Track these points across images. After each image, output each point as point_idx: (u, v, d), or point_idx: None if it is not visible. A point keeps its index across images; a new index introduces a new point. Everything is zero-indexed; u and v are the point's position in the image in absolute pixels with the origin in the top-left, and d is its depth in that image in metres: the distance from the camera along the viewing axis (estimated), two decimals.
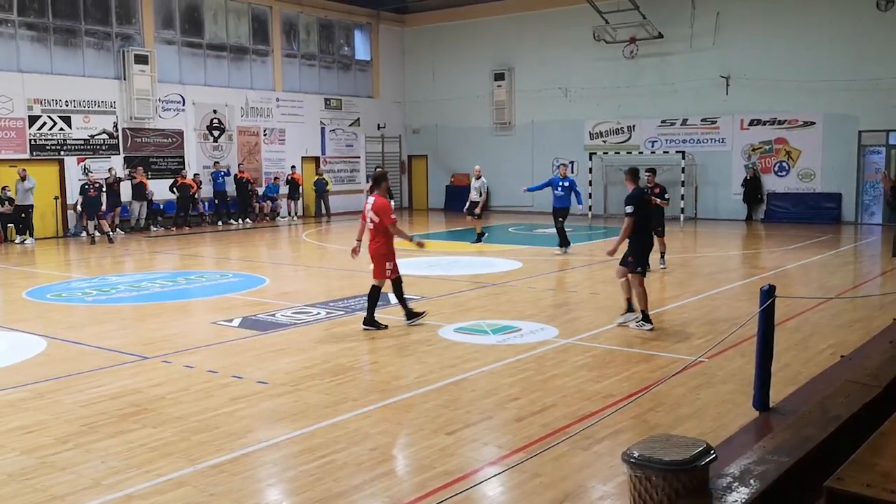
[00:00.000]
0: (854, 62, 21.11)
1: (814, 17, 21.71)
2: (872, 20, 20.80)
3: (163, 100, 22.22)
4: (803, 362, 7.37)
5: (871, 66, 20.85)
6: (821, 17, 21.59)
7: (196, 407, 6.23)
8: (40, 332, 9.01)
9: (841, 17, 21.32)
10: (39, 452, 5.30)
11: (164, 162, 22.47)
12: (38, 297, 11.55)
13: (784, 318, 8.64)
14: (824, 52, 21.48)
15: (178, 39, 22.98)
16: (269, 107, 25.12)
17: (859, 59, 21.03)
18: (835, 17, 21.40)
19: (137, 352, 8.08)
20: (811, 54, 21.68)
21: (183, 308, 10.73)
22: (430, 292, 11.27)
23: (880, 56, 20.76)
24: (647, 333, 8.59)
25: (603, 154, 25.21)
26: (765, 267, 14.07)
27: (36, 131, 19.68)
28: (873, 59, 20.83)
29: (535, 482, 4.72)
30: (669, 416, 5.88)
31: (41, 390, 6.77)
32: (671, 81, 23.93)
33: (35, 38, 19.98)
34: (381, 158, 29.19)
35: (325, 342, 8.47)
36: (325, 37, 27.25)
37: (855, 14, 21.09)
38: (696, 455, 3.69)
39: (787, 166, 22.68)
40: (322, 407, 6.21)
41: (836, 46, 21.29)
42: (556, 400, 6.32)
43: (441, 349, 8.02)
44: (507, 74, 27.01)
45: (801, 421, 4.65)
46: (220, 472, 4.93)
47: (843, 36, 21.25)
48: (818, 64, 21.57)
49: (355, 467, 5.00)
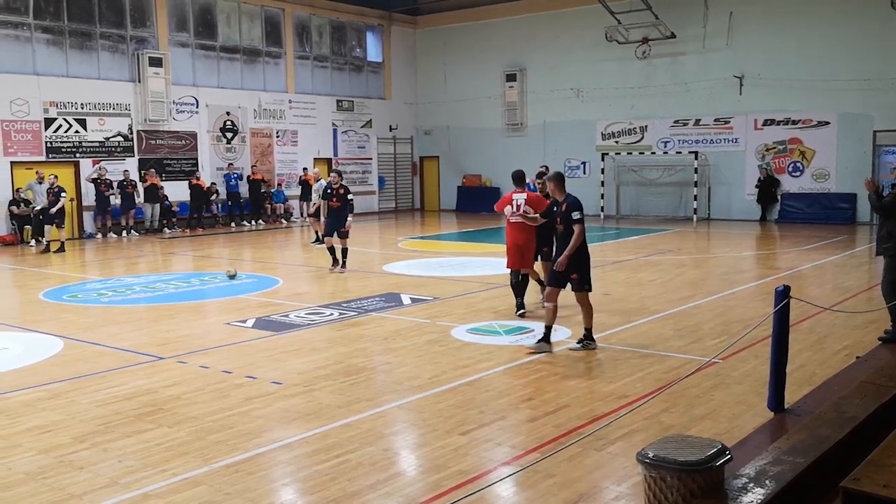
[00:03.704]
0: (869, 61, 20.96)
1: (828, 16, 21.57)
2: (887, 19, 20.63)
3: (177, 102, 22.36)
4: (818, 363, 7.33)
5: (886, 66, 20.70)
6: (835, 16, 21.45)
7: (211, 407, 6.27)
8: (57, 333, 9.09)
9: (855, 16, 21.17)
10: (56, 452, 5.34)
11: (177, 164, 22.61)
12: (55, 297, 11.65)
13: (798, 319, 8.59)
14: (838, 52, 21.34)
15: (191, 42, 23.11)
16: (281, 108, 25.22)
17: (874, 58, 20.88)
18: (849, 17, 21.25)
19: (152, 352, 8.14)
20: (825, 54, 21.55)
21: (197, 309, 10.79)
22: (441, 293, 11.29)
23: (895, 55, 20.61)
24: (663, 333, 8.56)
25: (615, 155, 25.14)
26: (779, 268, 14.00)
27: (52, 133, 19.86)
28: (888, 58, 20.68)
29: (548, 482, 4.71)
30: (683, 417, 5.86)
31: (58, 390, 6.83)
32: (684, 81, 23.84)
33: (51, 41, 20.16)
34: (393, 160, 29.25)
35: (338, 343, 8.50)
36: (337, 38, 27.34)
37: (869, 13, 20.94)
38: (712, 455, 3.69)
39: (802, 166, 22.54)
40: (335, 407, 6.23)
41: (851, 46, 21.15)
42: (569, 400, 6.32)
43: (454, 350, 8.03)
44: (519, 75, 27.00)
45: (817, 422, 4.63)
46: (235, 472, 4.96)
47: (857, 35, 21.10)
48: (832, 63, 21.43)
49: (369, 467, 5.01)
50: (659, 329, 8.93)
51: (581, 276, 7.79)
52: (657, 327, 9.04)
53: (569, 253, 7.64)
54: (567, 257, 7.66)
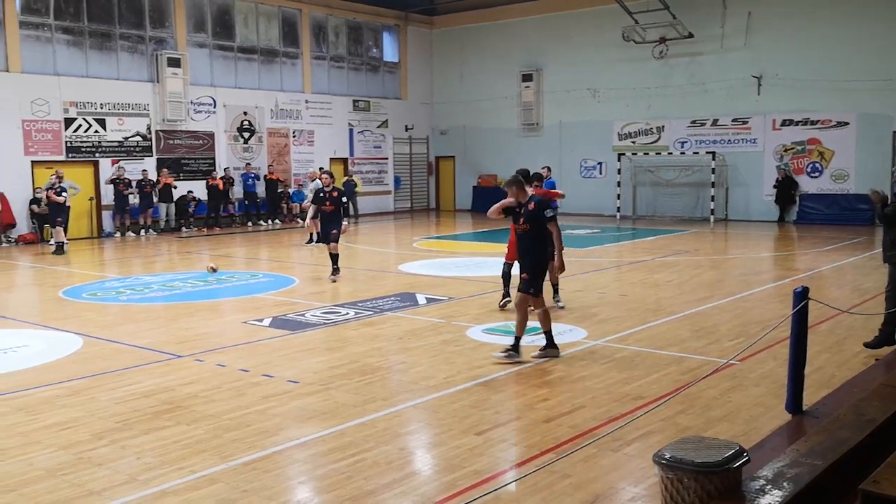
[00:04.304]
0: (888, 61, 20.73)
1: (847, 15, 21.36)
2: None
3: (194, 102, 22.52)
4: (837, 365, 7.27)
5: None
6: (854, 15, 21.24)
7: (228, 405, 6.31)
8: (76, 331, 9.18)
9: (874, 15, 20.95)
10: (76, 448, 5.40)
11: (195, 163, 22.76)
12: (74, 296, 11.76)
13: (817, 320, 8.53)
14: (858, 52, 21.12)
15: (209, 42, 23.26)
16: (298, 108, 25.33)
17: (894, 58, 20.66)
18: (868, 16, 21.04)
19: (170, 350, 8.20)
20: (844, 53, 21.34)
21: (214, 308, 10.86)
22: (457, 293, 11.29)
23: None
24: (679, 334, 8.52)
25: (632, 155, 25.04)
26: (798, 269, 13.89)
27: (72, 133, 20.06)
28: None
29: (564, 483, 4.71)
30: (700, 419, 5.83)
31: (77, 387, 6.90)
32: (701, 81, 23.70)
33: (71, 41, 20.36)
34: (409, 160, 29.29)
35: (353, 342, 8.52)
36: (353, 39, 27.42)
37: (888, 12, 20.72)
38: (729, 457, 3.67)
39: (820, 167, 22.35)
40: (351, 406, 6.25)
41: (870, 45, 20.93)
42: (585, 401, 6.30)
43: (469, 350, 8.04)
44: (536, 75, 26.95)
45: (835, 424, 4.59)
46: (252, 470, 4.99)
47: (876, 35, 20.88)
48: (851, 63, 21.22)
49: (385, 466, 5.03)
50: (676, 330, 8.89)
51: (530, 278, 7.40)
52: (674, 328, 9.00)
53: (559, 254, 7.52)
54: (561, 258, 7.55)
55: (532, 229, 7.50)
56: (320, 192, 13.07)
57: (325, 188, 12.84)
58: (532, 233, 7.51)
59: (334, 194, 12.80)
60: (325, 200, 12.78)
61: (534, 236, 7.51)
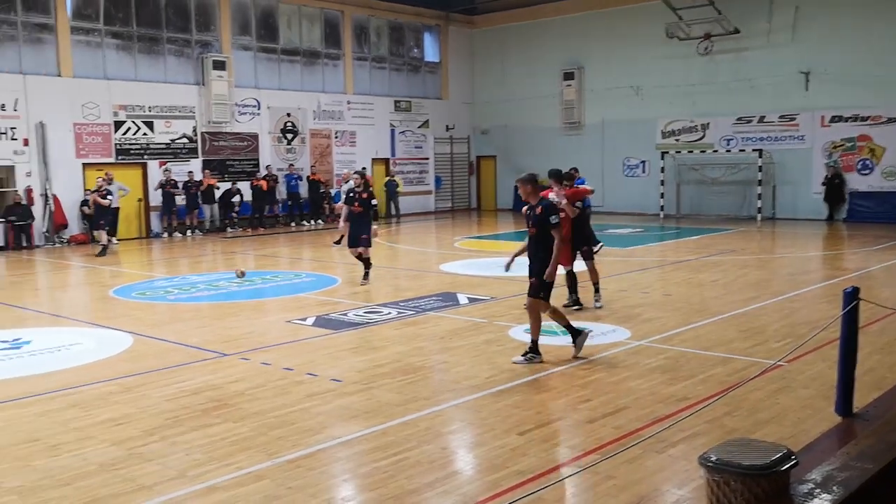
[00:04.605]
0: None
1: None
2: None
3: (239, 104, 22.88)
4: (889, 367, 7.09)
5: None
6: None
7: (273, 403, 6.41)
8: (126, 329, 9.41)
9: None
10: (128, 444, 5.54)
11: (239, 165, 23.12)
12: (124, 295, 12.06)
13: (868, 321, 8.32)
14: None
15: (253, 45, 23.61)
16: (340, 109, 25.56)
17: None
18: None
19: (217, 349, 8.36)
20: (895, 48, 20.77)
21: (259, 307, 11.03)
22: (499, 293, 11.29)
23: None
24: (725, 335, 8.40)
25: (675, 153, 24.73)
26: (847, 268, 13.57)
27: (121, 136, 20.54)
28: None
29: (608, 484, 4.68)
30: (747, 421, 5.75)
31: (128, 384, 7.08)
32: (748, 78, 23.28)
33: (120, 46, 20.84)
34: (450, 160, 29.34)
35: (396, 341, 8.58)
36: (394, 39, 27.56)
37: None
38: (777, 460, 3.61)
39: (871, 164, 21.79)
40: (394, 405, 6.30)
41: None
42: (628, 402, 6.26)
43: (511, 350, 8.03)
44: (577, 73, 26.77)
45: (887, 427, 4.50)
46: (297, 467, 5.06)
47: None
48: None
49: (427, 465, 5.06)
50: (721, 330, 8.77)
51: (540, 282, 7.33)
52: (720, 329, 8.87)
53: (554, 262, 7.34)
54: (555, 265, 7.37)
55: (539, 234, 7.46)
56: (350, 192, 12.97)
57: (356, 188, 12.72)
58: (539, 237, 7.47)
59: (363, 195, 12.55)
60: (353, 201, 12.58)
61: (540, 241, 7.46)
